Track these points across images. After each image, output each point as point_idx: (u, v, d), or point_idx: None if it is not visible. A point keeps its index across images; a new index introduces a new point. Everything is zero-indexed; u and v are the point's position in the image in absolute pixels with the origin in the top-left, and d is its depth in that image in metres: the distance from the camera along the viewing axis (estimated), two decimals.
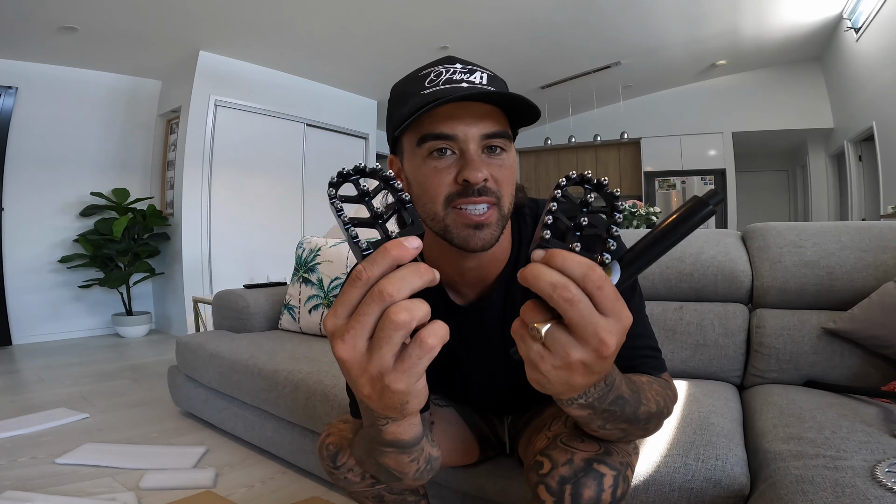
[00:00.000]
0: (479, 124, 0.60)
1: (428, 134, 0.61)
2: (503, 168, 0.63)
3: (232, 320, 2.15)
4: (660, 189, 6.59)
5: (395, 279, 0.32)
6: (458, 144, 0.61)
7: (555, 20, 4.16)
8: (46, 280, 3.95)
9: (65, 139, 4.01)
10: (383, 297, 0.32)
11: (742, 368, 1.39)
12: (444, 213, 0.62)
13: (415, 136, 0.62)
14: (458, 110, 0.60)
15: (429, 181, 0.62)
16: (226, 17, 3.59)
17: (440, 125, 0.60)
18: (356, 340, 0.34)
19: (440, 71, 0.63)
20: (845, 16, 4.58)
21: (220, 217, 4.26)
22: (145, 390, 2.55)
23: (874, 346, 1.20)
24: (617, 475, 0.63)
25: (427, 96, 0.61)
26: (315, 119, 4.98)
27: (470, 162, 0.59)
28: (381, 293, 0.32)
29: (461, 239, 0.62)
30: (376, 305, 0.33)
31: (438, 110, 0.60)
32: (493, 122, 0.61)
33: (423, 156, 0.62)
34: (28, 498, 1.39)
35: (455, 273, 0.73)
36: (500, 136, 0.62)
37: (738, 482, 0.84)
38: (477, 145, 0.61)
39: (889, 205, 4.11)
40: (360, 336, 0.34)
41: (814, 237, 1.36)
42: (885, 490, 0.67)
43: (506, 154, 0.63)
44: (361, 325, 0.33)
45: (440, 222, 0.63)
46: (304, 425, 1.48)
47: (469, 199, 0.60)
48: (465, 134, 0.60)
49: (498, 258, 0.73)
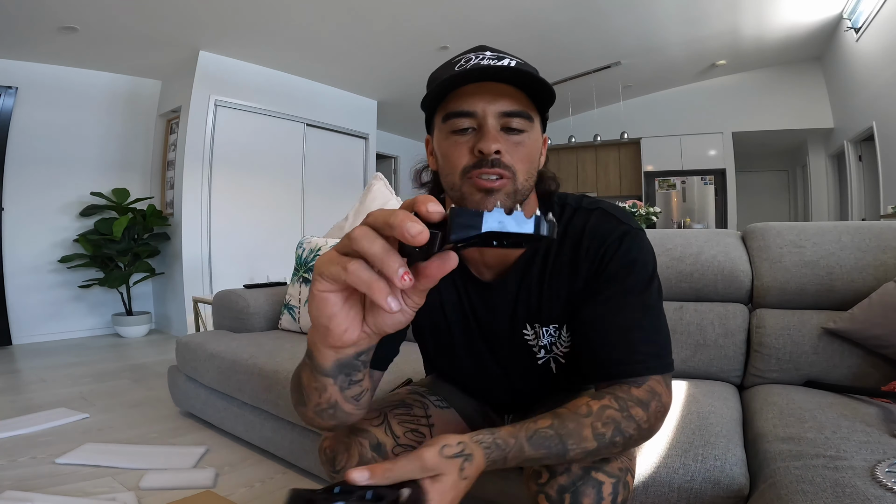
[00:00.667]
0: (498, 102, 0.64)
1: (451, 111, 0.66)
2: (519, 146, 0.66)
3: (232, 320, 2.15)
4: (660, 189, 6.59)
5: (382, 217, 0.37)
6: (478, 120, 0.65)
7: (555, 20, 4.16)
8: (46, 280, 3.95)
9: (65, 139, 4.01)
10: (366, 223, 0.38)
11: (742, 368, 1.39)
12: (460, 182, 0.66)
13: (442, 113, 0.68)
14: (479, 90, 0.65)
15: (450, 153, 0.67)
16: (226, 17, 3.60)
17: (462, 103, 0.65)
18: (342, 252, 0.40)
19: (470, 57, 0.67)
20: (845, 16, 4.58)
21: (220, 217, 4.26)
22: (145, 390, 2.55)
23: (874, 346, 1.20)
24: (616, 482, 0.64)
25: (453, 76, 0.65)
26: (315, 119, 4.98)
27: (485, 134, 0.64)
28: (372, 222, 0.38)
29: (473, 204, 0.65)
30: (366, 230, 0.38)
31: (463, 89, 0.65)
32: (513, 102, 0.65)
33: (448, 131, 0.67)
34: (28, 498, 1.39)
35: (476, 251, 0.75)
36: (519, 116, 0.65)
37: (738, 482, 0.84)
38: (495, 121, 0.65)
39: (889, 205, 4.11)
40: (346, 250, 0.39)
41: (814, 237, 1.36)
42: (885, 490, 0.67)
43: (525, 134, 0.66)
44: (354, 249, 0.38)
45: (458, 191, 0.66)
46: (304, 426, 1.48)
47: (482, 170, 0.64)
48: (483, 110, 0.64)
49: None
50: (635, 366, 0.66)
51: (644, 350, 0.67)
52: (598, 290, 0.70)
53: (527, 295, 0.76)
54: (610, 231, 0.71)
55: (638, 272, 0.69)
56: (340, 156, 5.30)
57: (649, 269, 0.70)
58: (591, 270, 0.71)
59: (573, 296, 0.73)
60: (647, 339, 0.67)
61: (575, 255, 0.73)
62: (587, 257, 0.72)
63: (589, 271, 0.72)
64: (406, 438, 0.79)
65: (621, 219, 0.73)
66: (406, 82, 5.18)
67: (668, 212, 6.46)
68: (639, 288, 0.68)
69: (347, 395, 0.59)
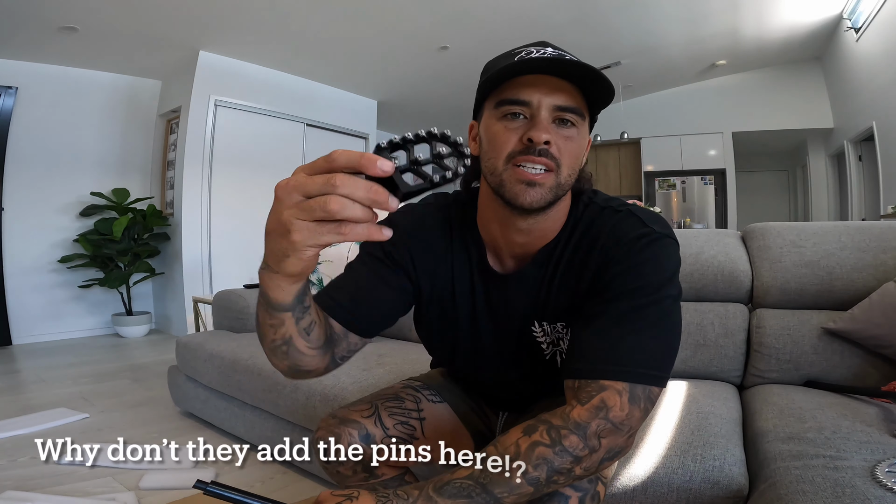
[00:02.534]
0: (554, 95, 0.64)
1: (506, 98, 0.65)
2: (569, 140, 0.66)
3: (232, 320, 2.15)
4: (660, 189, 6.59)
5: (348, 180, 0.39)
6: (531, 110, 0.64)
7: (555, 20, 4.16)
8: (46, 280, 3.95)
9: (65, 139, 4.01)
10: (332, 184, 0.39)
11: (742, 368, 1.39)
12: (503, 167, 0.65)
13: (495, 99, 0.67)
14: (537, 81, 0.64)
15: (498, 137, 0.66)
16: (226, 17, 3.59)
17: (518, 91, 0.65)
18: (296, 191, 0.41)
19: (531, 50, 0.67)
20: (845, 16, 4.58)
21: (220, 217, 4.26)
22: (145, 390, 2.55)
23: (874, 346, 1.20)
24: (583, 495, 0.63)
25: (516, 63, 0.64)
26: (315, 119, 4.98)
27: (537, 124, 0.63)
28: (332, 183, 0.39)
29: (512, 194, 0.64)
30: (323, 183, 0.40)
31: (521, 79, 0.65)
32: (568, 97, 0.65)
33: (498, 116, 0.66)
34: (28, 498, 1.39)
35: (502, 238, 0.74)
36: (572, 112, 0.65)
37: (737, 482, 0.84)
38: (549, 113, 0.64)
39: (889, 205, 4.11)
40: (300, 190, 0.41)
41: (814, 237, 1.36)
42: (885, 490, 0.67)
43: (575, 129, 0.66)
44: (308, 182, 0.41)
45: (498, 177, 0.66)
46: (304, 425, 1.48)
47: (528, 157, 0.63)
48: (539, 101, 0.64)
49: (546, 234, 0.73)
50: (592, 369, 0.61)
51: (611, 356, 0.61)
52: (599, 291, 0.68)
53: (540, 291, 0.75)
54: (628, 232, 0.68)
55: (647, 277, 0.65)
56: None
57: (662, 276, 0.66)
58: (599, 270, 0.69)
59: (578, 294, 0.72)
60: (631, 345, 0.61)
61: (589, 254, 0.71)
62: (599, 256, 0.69)
63: (597, 270, 0.69)
64: (395, 430, 0.80)
65: (646, 221, 0.69)
66: (406, 82, 5.18)
67: (669, 212, 6.46)
68: (642, 292, 0.64)
69: (301, 327, 0.61)
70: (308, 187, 0.41)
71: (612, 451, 0.59)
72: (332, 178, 0.39)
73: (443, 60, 4.63)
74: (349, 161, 0.40)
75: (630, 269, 0.66)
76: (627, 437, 0.60)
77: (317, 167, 0.41)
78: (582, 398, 0.60)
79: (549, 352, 0.77)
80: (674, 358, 0.66)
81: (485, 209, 0.75)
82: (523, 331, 0.77)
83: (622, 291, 0.65)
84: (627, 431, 0.60)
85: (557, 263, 0.73)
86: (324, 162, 0.41)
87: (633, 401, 0.59)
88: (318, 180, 0.40)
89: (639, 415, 0.60)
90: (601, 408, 0.58)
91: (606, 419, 0.58)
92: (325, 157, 0.41)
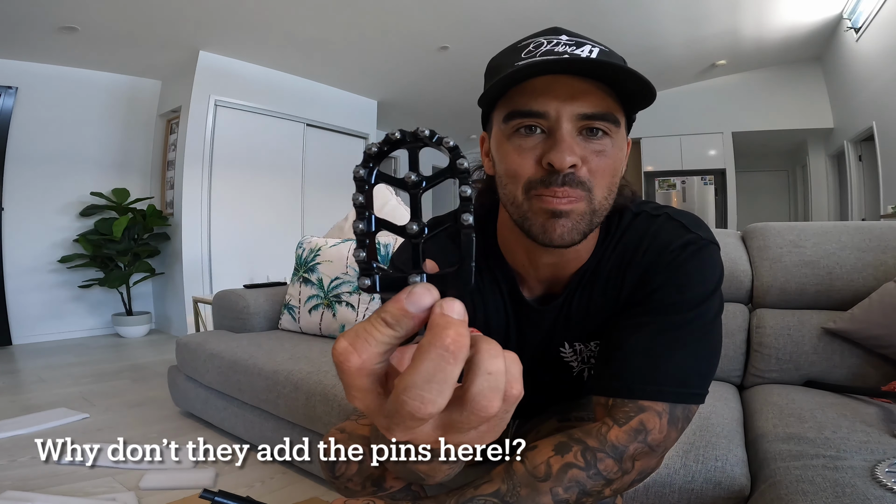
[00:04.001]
0: (576, 102, 0.51)
1: (515, 110, 0.53)
2: (602, 156, 0.53)
3: (232, 320, 2.15)
4: (660, 189, 6.59)
5: (418, 389, 0.21)
6: (549, 122, 0.52)
7: (555, 20, 4.13)
8: (46, 280, 3.95)
9: (65, 139, 4.01)
10: (415, 416, 0.21)
11: (742, 368, 1.39)
12: (522, 198, 0.54)
13: (503, 110, 0.55)
14: (552, 84, 0.51)
15: (511, 161, 0.54)
16: (226, 17, 3.59)
17: (530, 101, 0.52)
18: (411, 429, 0.23)
19: (541, 42, 0.54)
20: (845, 16, 4.58)
21: (220, 217, 4.25)
22: (145, 390, 2.55)
23: (874, 346, 1.20)
24: None
25: (519, 68, 0.51)
26: (315, 119, 4.98)
27: (559, 142, 0.51)
28: (410, 416, 0.21)
29: (539, 228, 0.53)
30: (414, 421, 0.22)
31: (531, 84, 0.52)
32: (596, 102, 0.52)
33: (509, 133, 0.54)
34: (28, 498, 1.39)
35: (529, 265, 0.64)
36: (603, 119, 0.52)
37: (738, 483, 0.84)
38: (572, 126, 0.52)
39: (889, 205, 4.11)
40: (415, 426, 0.23)
41: (814, 237, 1.36)
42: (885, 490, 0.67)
43: (609, 140, 0.53)
44: (409, 421, 0.22)
45: (519, 209, 0.55)
46: (304, 425, 1.48)
47: (550, 190, 0.52)
48: (557, 112, 0.51)
49: (581, 256, 0.63)
50: (630, 388, 0.56)
51: (651, 375, 0.55)
52: (638, 303, 0.60)
53: (569, 313, 0.66)
54: (672, 240, 0.59)
55: (692, 289, 0.58)
56: (340, 156, 5.30)
57: (708, 287, 0.59)
58: (639, 281, 0.60)
59: (616, 309, 0.63)
60: (672, 363, 0.56)
61: (626, 265, 0.62)
62: (638, 267, 0.61)
63: (637, 282, 0.61)
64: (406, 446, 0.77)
65: (689, 226, 0.61)
66: (406, 82, 5.18)
67: None
68: (686, 306, 0.58)
69: None
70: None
71: (644, 472, 0.57)
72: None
73: (443, 60, 4.63)
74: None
75: (674, 281, 0.58)
76: (660, 458, 0.58)
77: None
78: (619, 418, 0.56)
79: (578, 368, 0.71)
80: (714, 373, 0.61)
81: (507, 236, 0.65)
82: (550, 351, 0.70)
83: (664, 305, 0.58)
84: (662, 453, 0.57)
85: (593, 284, 0.64)
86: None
87: (672, 422, 0.56)
88: None
89: (675, 436, 0.57)
90: (640, 430, 0.55)
91: (644, 442, 0.55)
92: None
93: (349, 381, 0.23)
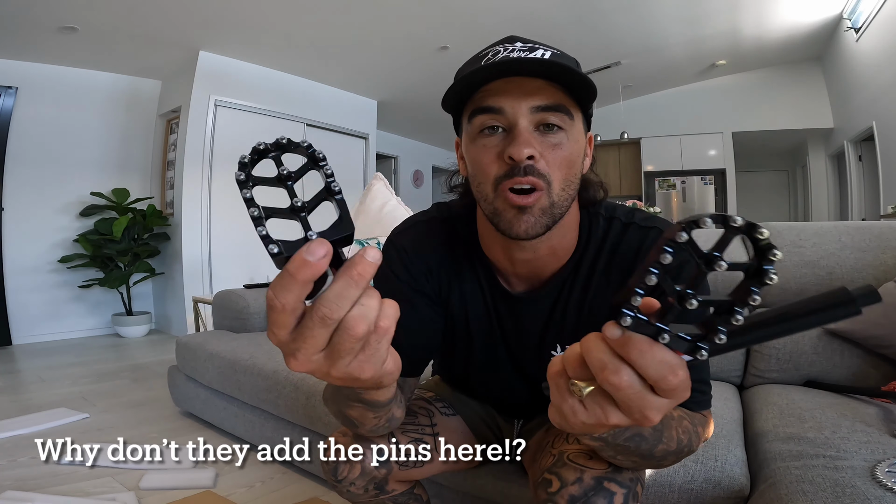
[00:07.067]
0: (530, 97, 0.57)
1: (476, 108, 0.59)
2: (558, 149, 0.58)
3: (232, 320, 2.15)
4: (660, 189, 6.59)
5: (330, 301, 0.30)
6: (507, 119, 0.58)
7: (555, 19, 4.16)
8: (46, 280, 3.95)
9: (65, 139, 4.01)
10: (325, 323, 0.30)
11: (742, 368, 1.39)
12: (493, 195, 0.59)
13: (467, 113, 0.61)
14: (507, 85, 0.57)
15: (479, 160, 0.60)
16: (226, 17, 3.59)
17: (488, 99, 0.58)
18: (309, 356, 0.32)
19: (498, 50, 0.60)
20: (845, 16, 4.58)
21: (220, 217, 4.25)
22: (145, 390, 2.55)
23: (874, 346, 1.20)
24: (627, 493, 0.60)
25: (475, 71, 0.57)
26: (315, 119, 4.98)
27: (516, 137, 0.56)
28: (322, 319, 0.30)
29: (506, 223, 0.59)
30: (321, 329, 0.30)
31: (490, 87, 0.58)
32: (547, 96, 0.57)
33: (474, 135, 0.60)
34: (28, 498, 1.39)
35: (507, 262, 0.68)
36: (556, 110, 0.58)
37: (738, 483, 0.84)
38: (528, 121, 0.57)
39: (889, 205, 4.11)
40: (312, 352, 0.32)
41: (814, 237, 1.36)
42: (885, 490, 0.67)
43: (563, 133, 0.59)
44: (311, 345, 0.31)
45: (490, 205, 0.60)
46: (304, 425, 1.48)
47: (514, 180, 0.57)
48: (512, 107, 0.57)
49: (558, 254, 0.67)
50: (688, 400, 0.63)
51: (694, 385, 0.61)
52: None
53: (561, 316, 0.70)
54: None
55: None
56: (340, 156, 5.30)
57: None
58: None
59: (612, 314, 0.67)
60: (699, 374, 0.60)
61: (623, 278, 0.65)
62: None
63: None
64: (411, 454, 0.78)
65: None
66: (406, 82, 5.18)
67: (668, 212, 6.46)
68: None
69: (398, 402, 0.61)
70: (314, 344, 0.31)
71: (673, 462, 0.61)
72: (319, 318, 0.30)
73: (443, 60, 4.63)
74: (298, 291, 0.30)
75: None
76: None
77: (281, 321, 0.31)
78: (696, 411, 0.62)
79: None
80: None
81: (485, 231, 0.69)
82: (544, 353, 0.73)
83: None
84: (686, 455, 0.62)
85: (584, 288, 0.68)
86: (280, 315, 0.31)
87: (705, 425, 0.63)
88: (318, 332, 0.31)
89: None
90: (709, 423, 0.63)
91: (706, 433, 0.62)
92: (270, 308, 0.31)
93: (274, 317, 0.31)
